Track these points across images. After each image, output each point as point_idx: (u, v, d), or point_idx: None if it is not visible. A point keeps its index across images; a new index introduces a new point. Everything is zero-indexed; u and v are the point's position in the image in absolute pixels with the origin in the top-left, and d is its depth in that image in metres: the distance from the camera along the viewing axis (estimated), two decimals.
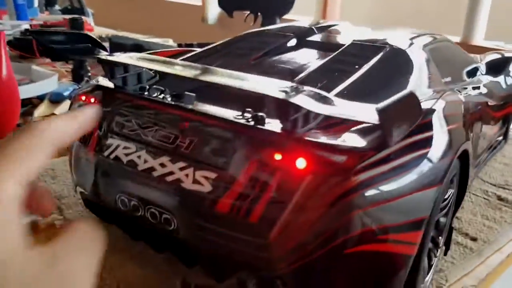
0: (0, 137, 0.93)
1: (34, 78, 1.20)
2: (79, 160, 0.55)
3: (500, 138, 0.93)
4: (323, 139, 0.42)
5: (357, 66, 0.59)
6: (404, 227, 0.44)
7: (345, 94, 0.51)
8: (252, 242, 0.44)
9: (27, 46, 1.46)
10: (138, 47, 1.20)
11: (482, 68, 0.87)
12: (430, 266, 0.55)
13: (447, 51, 0.76)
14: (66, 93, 1.16)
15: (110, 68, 0.53)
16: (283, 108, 0.42)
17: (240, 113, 0.46)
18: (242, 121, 0.45)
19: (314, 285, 0.44)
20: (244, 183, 0.43)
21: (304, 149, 0.41)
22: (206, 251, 0.47)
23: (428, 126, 0.48)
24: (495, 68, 0.90)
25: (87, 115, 0.41)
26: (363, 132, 0.44)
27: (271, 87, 0.42)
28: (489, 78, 0.84)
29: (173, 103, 0.48)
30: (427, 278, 0.54)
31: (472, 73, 0.82)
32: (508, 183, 0.83)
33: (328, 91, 0.49)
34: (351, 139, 0.42)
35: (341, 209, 0.40)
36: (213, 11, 3.21)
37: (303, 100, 0.40)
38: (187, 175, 0.45)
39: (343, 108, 0.41)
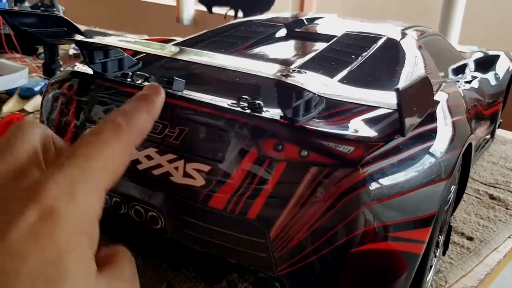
0: None
1: (3, 72, 1.13)
2: None
3: (488, 136, 0.92)
4: (327, 128, 0.39)
5: (353, 56, 0.55)
6: (413, 223, 0.41)
7: (344, 83, 0.48)
8: (250, 241, 0.40)
9: None
10: None
11: (471, 65, 0.86)
12: (430, 266, 0.52)
13: (439, 45, 0.74)
14: (37, 88, 1.10)
15: (89, 53, 0.48)
16: (285, 93, 0.38)
17: (235, 100, 0.42)
18: (238, 109, 0.41)
19: (317, 287, 0.40)
20: (241, 176, 0.39)
21: (307, 138, 0.38)
22: (197, 252, 0.43)
23: (434, 117, 0.45)
24: (482, 65, 0.89)
25: (159, 101, 0.37)
26: (369, 121, 0.41)
27: (272, 70, 0.39)
28: (478, 75, 0.82)
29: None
30: (428, 279, 0.51)
31: (462, 69, 0.81)
32: (498, 181, 0.81)
33: None
34: (358, 129, 0.39)
35: (347, 205, 0.37)
36: (188, 11, 3.15)
37: (309, 83, 0.36)
38: (176, 168, 0.41)
39: (351, 94, 0.38)
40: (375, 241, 0.39)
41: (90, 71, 0.50)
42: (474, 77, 0.79)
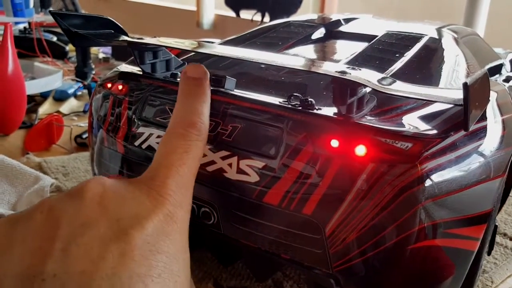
0: (6, 133, 0.89)
1: (37, 75, 1.16)
2: (103, 151, 0.51)
3: None
4: (382, 124, 0.39)
5: (397, 55, 0.55)
6: (469, 220, 0.40)
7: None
8: (305, 237, 0.40)
9: (27, 44, 1.42)
10: None
11: (507, 65, 0.85)
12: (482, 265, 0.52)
13: (477, 44, 0.73)
14: (70, 91, 1.13)
15: (140, 53, 0.49)
16: (340, 90, 0.38)
17: (284, 98, 0.43)
18: (291, 106, 0.41)
19: (372, 284, 0.40)
20: (296, 172, 0.39)
21: (363, 135, 0.38)
22: (250, 247, 0.43)
23: (484, 115, 0.45)
24: None
25: (208, 85, 0.42)
26: (423, 118, 0.41)
27: (329, 67, 0.39)
28: None
29: (212, 88, 0.44)
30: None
31: (498, 69, 0.80)
32: None
33: None
34: (413, 125, 0.39)
35: (405, 201, 0.37)
36: (208, 16, 3.17)
37: (370, 80, 0.36)
38: (230, 165, 0.42)
39: (411, 90, 0.38)
40: (431, 238, 0.39)
41: (139, 72, 0.51)
42: (510, 77, 0.78)
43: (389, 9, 2.56)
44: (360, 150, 0.37)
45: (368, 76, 0.37)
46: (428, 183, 0.37)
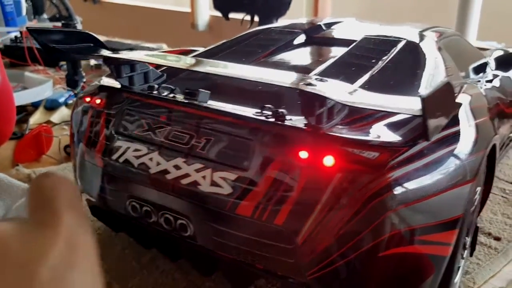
0: None
1: (28, 85, 1.16)
2: (84, 165, 0.52)
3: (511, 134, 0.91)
4: (351, 134, 0.39)
5: (373, 60, 0.56)
6: (439, 227, 0.41)
7: (366, 89, 0.48)
8: (277, 247, 0.40)
9: (18, 54, 1.43)
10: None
11: (492, 64, 0.85)
12: (457, 268, 0.52)
13: (459, 45, 0.74)
14: (61, 100, 1.13)
15: (116, 67, 0.50)
16: (307, 102, 0.39)
17: (258, 110, 0.43)
18: (262, 118, 0.42)
19: None
20: (267, 183, 0.40)
21: (331, 145, 0.38)
22: (225, 258, 0.44)
23: (457, 120, 0.45)
24: (503, 64, 0.88)
25: None
26: (392, 126, 0.41)
27: (293, 79, 0.39)
28: (499, 74, 0.82)
29: (186, 101, 0.45)
30: (455, 280, 0.51)
31: (482, 68, 0.80)
32: None
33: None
34: (381, 134, 0.40)
35: (374, 210, 0.37)
36: (203, 17, 3.17)
37: (331, 91, 0.37)
38: (204, 177, 0.42)
39: (373, 100, 0.38)
40: (401, 245, 0.39)
41: (118, 85, 0.51)
42: (495, 76, 0.78)
43: (384, 7, 2.56)
44: (328, 160, 0.38)
45: (332, 88, 0.38)
46: (395, 191, 0.37)
